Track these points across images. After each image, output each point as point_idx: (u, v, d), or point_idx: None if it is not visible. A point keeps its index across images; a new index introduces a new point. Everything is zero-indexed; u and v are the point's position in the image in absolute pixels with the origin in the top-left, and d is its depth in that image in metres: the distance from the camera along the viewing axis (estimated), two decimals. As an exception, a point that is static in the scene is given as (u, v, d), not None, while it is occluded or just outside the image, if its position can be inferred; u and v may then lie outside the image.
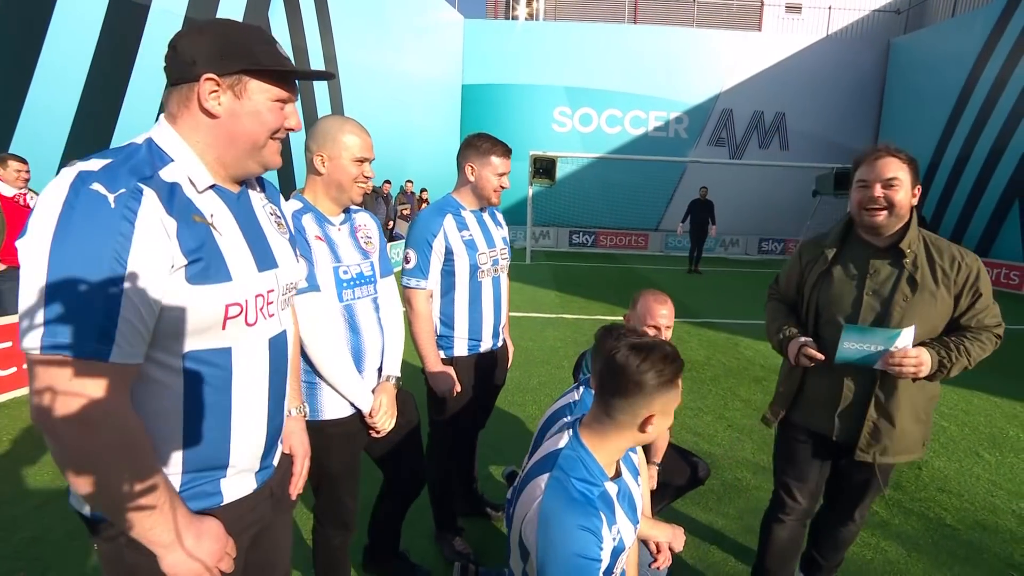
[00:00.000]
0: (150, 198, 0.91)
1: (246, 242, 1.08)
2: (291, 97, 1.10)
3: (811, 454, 1.92)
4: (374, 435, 1.82)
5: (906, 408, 1.75)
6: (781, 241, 17.04)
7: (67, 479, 0.90)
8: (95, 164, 0.91)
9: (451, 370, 2.21)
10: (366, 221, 1.93)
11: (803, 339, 1.81)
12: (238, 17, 8.57)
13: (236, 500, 1.12)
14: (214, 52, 0.99)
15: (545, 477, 1.22)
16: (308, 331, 1.66)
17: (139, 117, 7.05)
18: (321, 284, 1.70)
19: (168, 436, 1.01)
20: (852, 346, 1.69)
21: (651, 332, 2.10)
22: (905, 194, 1.67)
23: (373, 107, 12.26)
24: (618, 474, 1.30)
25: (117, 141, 6.90)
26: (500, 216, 2.46)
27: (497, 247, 2.32)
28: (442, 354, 2.24)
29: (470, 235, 2.21)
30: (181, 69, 0.99)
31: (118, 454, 0.90)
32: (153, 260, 0.90)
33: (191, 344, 0.99)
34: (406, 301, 2.18)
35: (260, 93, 1.04)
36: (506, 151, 2.19)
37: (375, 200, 10.56)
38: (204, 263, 0.97)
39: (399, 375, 1.90)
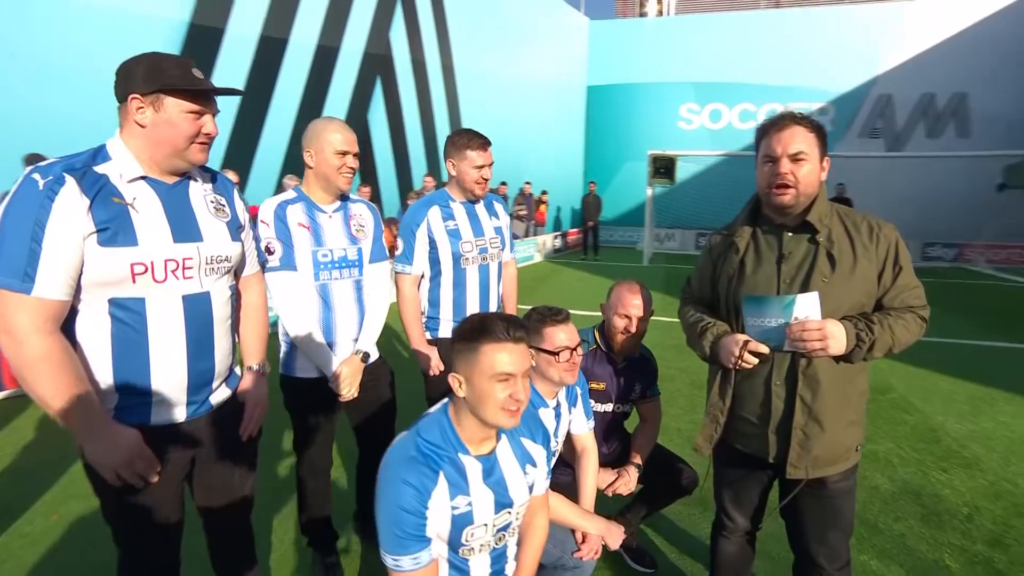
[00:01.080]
0: (70, 184, 1.22)
1: (167, 219, 1.35)
2: (204, 110, 1.34)
3: (751, 479, 1.71)
4: (341, 400, 2.04)
5: (836, 407, 1.52)
6: (954, 246, 14.24)
7: None
8: (47, 162, 1.25)
9: (433, 350, 2.34)
10: (362, 211, 2.14)
11: (741, 335, 1.53)
12: (362, 36, 9.61)
13: (163, 424, 1.39)
14: (140, 77, 1.27)
15: (404, 434, 1.32)
16: (279, 302, 1.94)
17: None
18: (299, 264, 1.95)
19: (102, 361, 1.33)
20: (754, 323, 1.50)
21: (622, 322, 2.05)
22: (813, 168, 1.48)
23: (491, 112, 12.84)
24: (491, 452, 1.35)
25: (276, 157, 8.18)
26: (499, 207, 2.52)
27: (487, 236, 2.38)
28: (429, 335, 2.38)
29: (455, 225, 2.31)
30: (119, 91, 1.30)
31: (43, 365, 1.20)
32: (68, 226, 1.20)
33: (111, 292, 1.29)
34: (395, 284, 2.36)
35: (174, 107, 1.30)
36: (483, 144, 2.24)
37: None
38: (112, 231, 1.25)
39: (368, 351, 2.05)
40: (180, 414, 1.43)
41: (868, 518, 2.71)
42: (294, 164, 8.47)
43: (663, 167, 12.90)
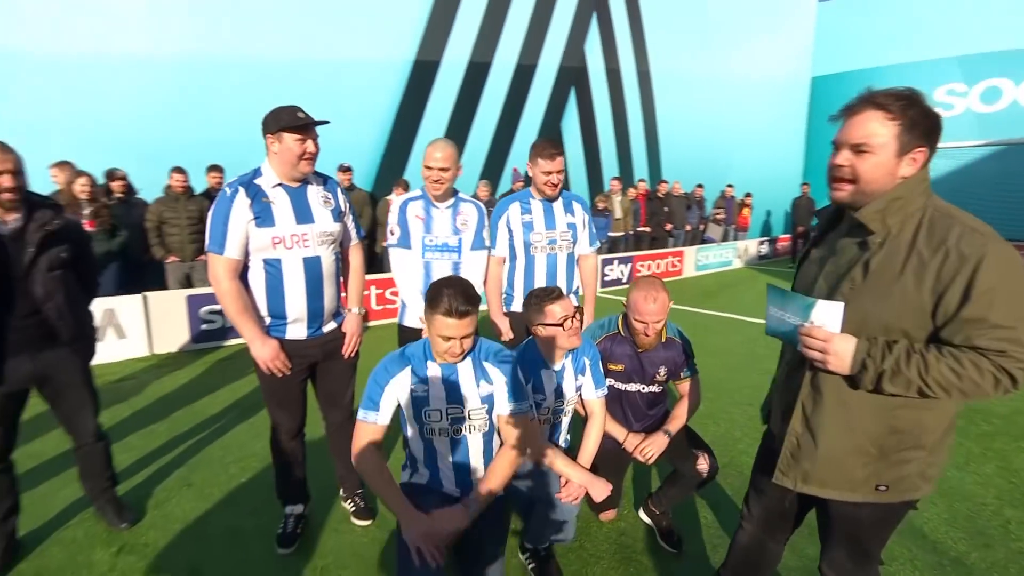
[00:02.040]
0: (240, 192, 2.06)
1: (292, 210, 2.12)
2: (306, 136, 2.04)
3: (772, 462, 1.59)
4: None
5: (836, 425, 1.36)
6: None
7: None
8: (233, 179, 2.10)
9: (505, 320, 2.81)
10: (470, 210, 2.74)
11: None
12: (558, 52, 10.38)
13: (291, 339, 2.19)
14: (269, 124, 2.06)
15: None
16: (394, 270, 2.71)
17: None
18: (412, 244, 2.65)
19: (260, 297, 2.17)
20: (775, 313, 1.43)
21: (640, 326, 2.19)
22: (882, 162, 1.24)
23: (690, 114, 12.53)
24: (453, 363, 1.78)
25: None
26: (578, 206, 2.86)
27: (557, 230, 2.77)
28: (504, 308, 2.86)
29: (530, 218, 2.76)
30: (263, 134, 2.09)
31: (229, 297, 2.08)
32: (239, 216, 2.04)
33: (263, 255, 2.09)
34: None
35: (288, 138, 2.03)
36: (551, 154, 2.63)
37: (686, 206, 10.84)
38: (262, 218, 2.05)
39: None
40: (302, 334, 2.21)
41: None
42: (491, 170, 9.68)
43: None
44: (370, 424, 1.78)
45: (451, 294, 1.66)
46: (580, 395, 2.24)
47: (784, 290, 1.42)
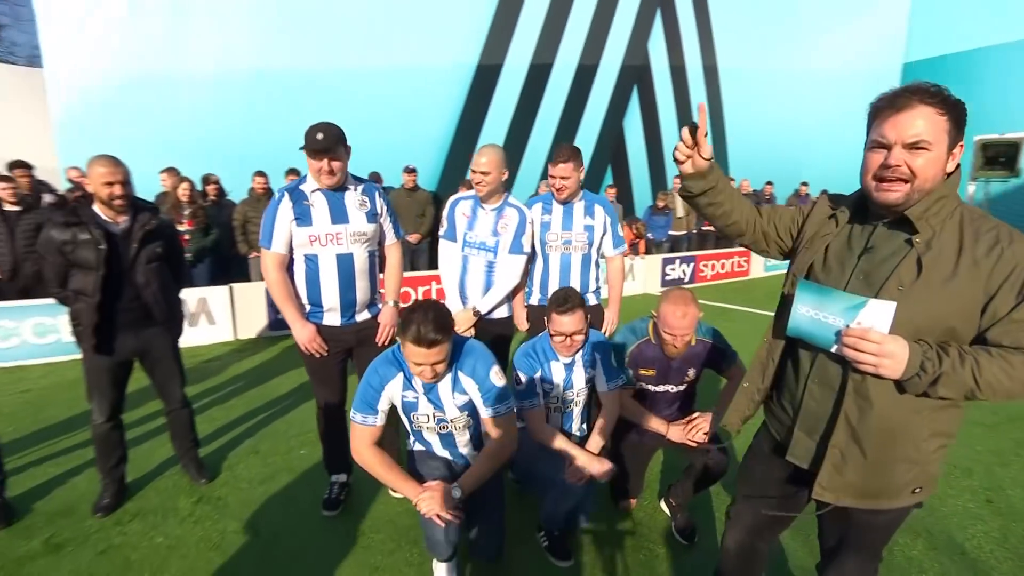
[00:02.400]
0: (285, 197, 2.39)
1: (328, 211, 2.41)
2: (320, 156, 2.29)
3: (773, 469, 1.56)
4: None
5: (885, 433, 1.30)
6: None
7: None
8: (283, 186, 2.44)
9: (523, 312, 3.01)
10: (512, 215, 2.88)
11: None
12: (620, 51, 10.33)
13: (327, 325, 2.51)
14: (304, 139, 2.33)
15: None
16: (440, 259, 2.98)
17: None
18: (457, 238, 2.90)
19: (301, 288, 2.49)
20: (807, 312, 1.31)
21: (668, 337, 2.26)
22: (936, 159, 1.20)
23: (759, 111, 12.05)
24: (433, 385, 1.96)
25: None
26: (599, 208, 2.95)
27: (573, 231, 2.91)
28: (526, 301, 3.05)
29: (549, 219, 2.93)
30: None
31: (275, 287, 2.44)
32: (283, 216, 2.38)
33: (303, 251, 2.42)
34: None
35: (309, 157, 2.33)
36: (557, 159, 2.76)
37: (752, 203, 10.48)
38: (301, 218, 2.37)
39: (481, 309, 2.83)
40: (336, 321, 2.52)
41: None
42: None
43: (1002, 155, 9.88)
44: (368, 427, 1.95)
45: (421, 320, 1.70)
46: (595, 388, 2.39)
47: (821, 286, 1.31)
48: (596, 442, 2.33)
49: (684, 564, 2.41)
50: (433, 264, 7.58)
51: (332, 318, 2.53)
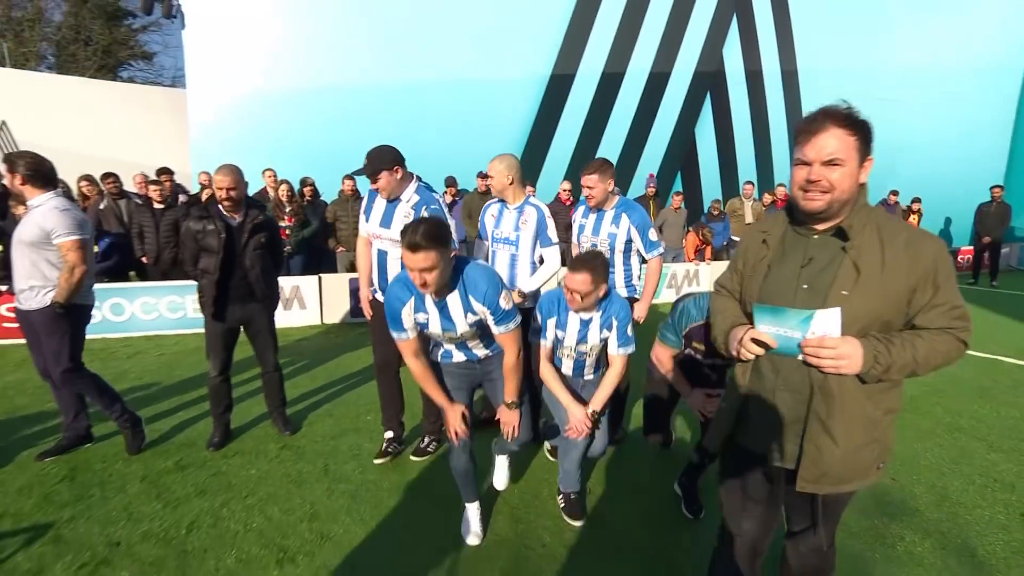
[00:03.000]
0: (368, 195, 3.06)
1: (381, 215, 2.94)
2: (368, 177, 2.85)
3: (759, 480, 1.68)
4: None
5: (850, 422, 1.46)
6: None
7: None
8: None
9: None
10: (531, 212, 3.25)
11: (748, 327, 1.53)
12: (693, 57, 10.31)
13: (379, 300, 3.04)
14: None
15: None
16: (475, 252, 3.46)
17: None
18: (485, 235, 3.38)
19: (371, 267, 3.06)
20: (769, 331, 1.46)
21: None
22: (849, 172, 1.38)
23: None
24: (443, 298, 2.20)
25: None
26: (625, 217, 3.23)
27: (600, 237, 3.25)
28: None
29: (584, 222, 3.36)
30: None
31: (358, 256, 3.16)
32: (364, 210, 3.04)
33: (373, 241, 3.00)
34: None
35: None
36: (585, 171, 3.15)
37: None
38: (366, 215, 3.01)
39: (524, 291, 3.22)
40: (382, 298, 3.01)
41: None
42: (622, 176, 10.02)
43: None
44: (405, 341, 2.30)
45: (414, 228, 1.93)
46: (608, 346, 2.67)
47: (774, 307, 1.46)
48: (600, 400, 2.62)
49: (688, 535, 2.66)
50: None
51: (380, 296, 3.07)
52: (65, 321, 3.06)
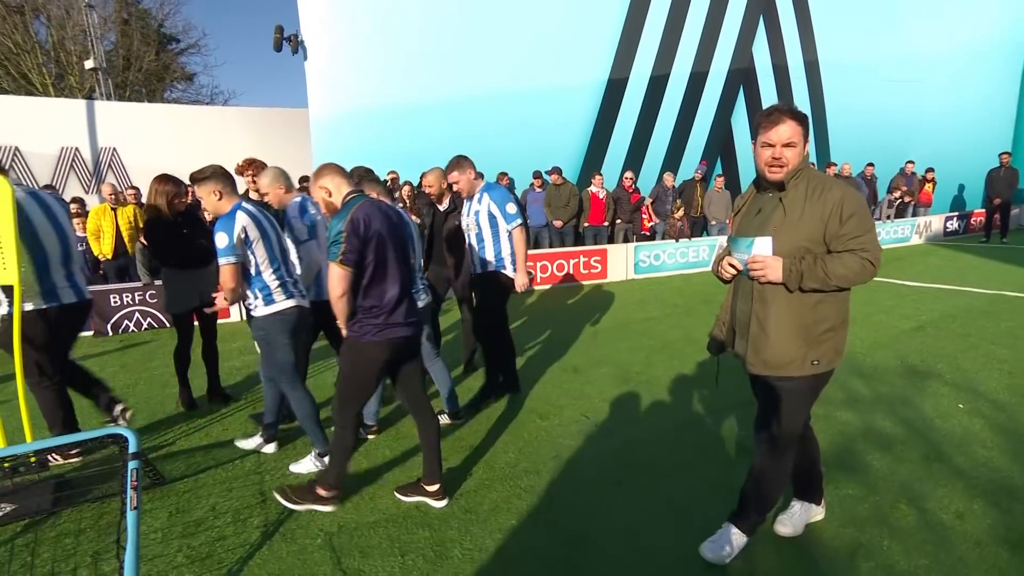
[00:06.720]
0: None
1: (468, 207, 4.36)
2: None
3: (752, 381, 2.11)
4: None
5: (781, 321, 1.88)
6: None
7: None
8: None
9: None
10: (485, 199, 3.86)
11: (728, 256, 2.04)
12: (727, 56, 11.64)
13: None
14: None
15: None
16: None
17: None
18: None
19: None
20: (736, 256, 1.99)
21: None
22: (799, 150, 1.83)
23: (861, 96, 12.68)
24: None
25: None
26: (486, 195, 3.70)
27: (469, 218, 3.81)
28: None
29: (465, 210, 3.96)
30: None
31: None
32: None
33: None
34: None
35: None
36: (448, 171, 3.77)
37: (859, 182, 11.22)
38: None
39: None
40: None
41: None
42: (671, 163, 11.46)
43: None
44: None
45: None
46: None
47: (736, 238, 2.00)
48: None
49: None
50: (577, 243, 9.61)
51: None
52: None
